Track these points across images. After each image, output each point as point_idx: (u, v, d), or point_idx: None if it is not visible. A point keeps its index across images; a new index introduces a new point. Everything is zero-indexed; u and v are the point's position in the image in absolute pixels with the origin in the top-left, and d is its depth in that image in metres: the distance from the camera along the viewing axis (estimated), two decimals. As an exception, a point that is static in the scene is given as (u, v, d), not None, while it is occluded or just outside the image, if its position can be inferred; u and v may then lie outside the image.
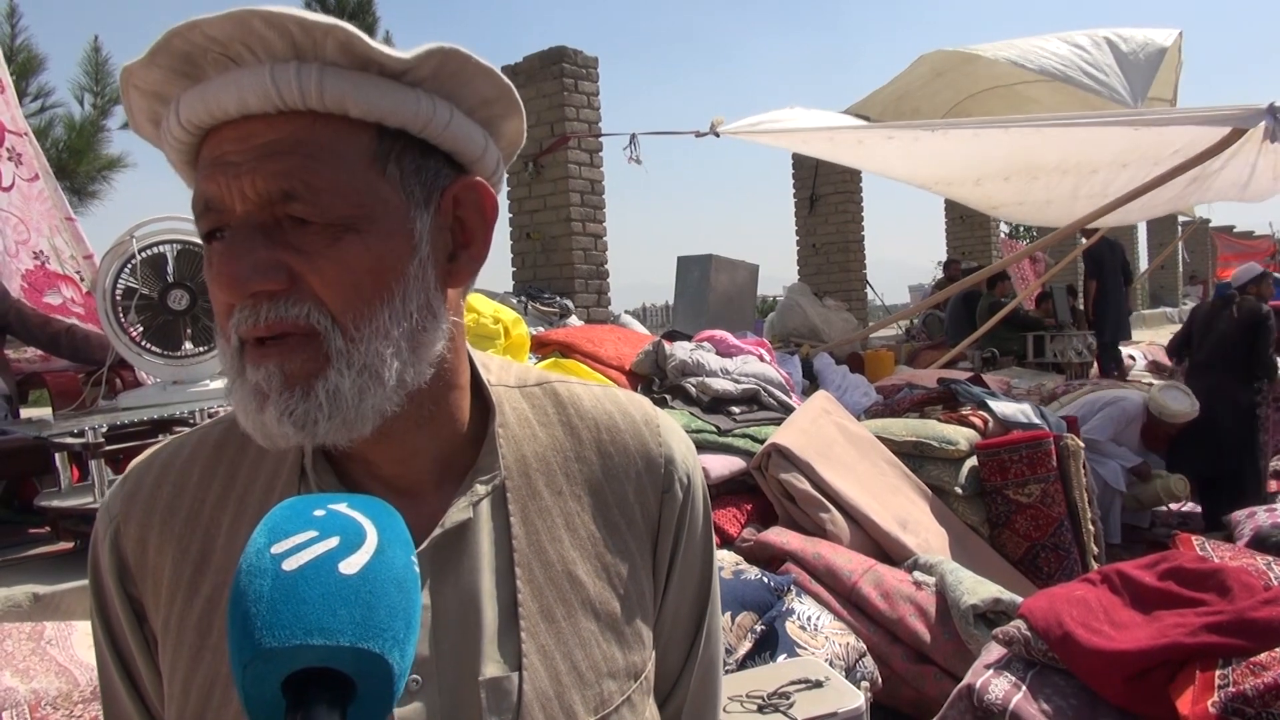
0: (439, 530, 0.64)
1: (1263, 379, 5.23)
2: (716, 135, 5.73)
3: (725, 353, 4.36)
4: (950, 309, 8.79)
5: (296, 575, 0.45)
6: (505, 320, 3.67)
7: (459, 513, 0.65)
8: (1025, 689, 2.09)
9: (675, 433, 0.77)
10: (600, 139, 6.67)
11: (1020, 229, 17.84)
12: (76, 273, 3.66)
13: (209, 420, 0.74)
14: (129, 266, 2.70)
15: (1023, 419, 4.17)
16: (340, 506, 0.49)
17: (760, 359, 4.38)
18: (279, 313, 0.58)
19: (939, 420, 4.12)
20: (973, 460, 3.82)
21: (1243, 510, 4.03)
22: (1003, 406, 4.26)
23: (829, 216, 9.56)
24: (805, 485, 3.28)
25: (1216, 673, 1.92)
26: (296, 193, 0.58)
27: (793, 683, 2.12)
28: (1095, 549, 3.76)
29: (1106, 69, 5.70)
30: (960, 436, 3.86)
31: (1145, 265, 16.62)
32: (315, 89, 0.57)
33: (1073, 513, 3.73)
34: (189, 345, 2.82)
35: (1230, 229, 20.93)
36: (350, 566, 0.46)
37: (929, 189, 7.24)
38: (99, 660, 0.72)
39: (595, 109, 6.71)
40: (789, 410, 3.95)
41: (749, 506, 3.46)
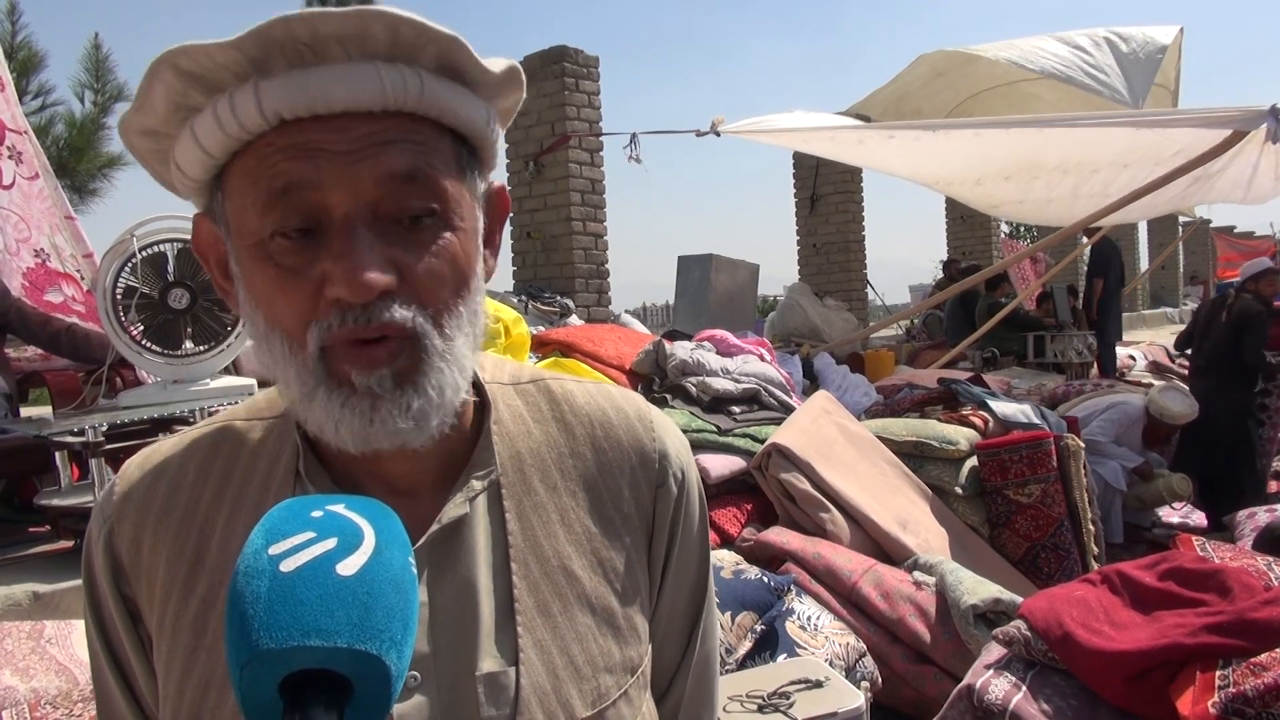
0: (436, 526, 0.64)
1: (1260, 379, 5.23)
2: (717, 134, 5.72)
3: (726, 352, 4.35)
4: (948, 309, 8.79)
5: (294, 576, 0.45)
6: (505, 319, 3.66)
7: (456, 508, 0.65)
8: (1025, 689, 2.09)
9: (669, 428, 0.77)
10: (601, 138, 6.67)
11: (1021, 229, 17.83)
12: (77, 271, 3.65)
13: (203, 420, 0.74)
14: (129, 265, 2.70)
15: (1023, 419, 4.17)
16: (338, 508, 0.49)
17: (761, 359, 4.38)
18: (391, 314, 0.58)
19: (939, 420, 4.12)
20: (973, 460, 3.82)
21: (1243, 511, 4.04)
22: (1003, 406, 4.26)
23: (829, 216, 9.56)
24: (805, 485, 3.28)
25: (1217, 673, 1.92)
26: (420, 173, 0.59)
27: (793, 683, 2.12)
28: (1095, 549, 3.76)
29: (1107, 69, 5.69)
30: (960, 436, 3.86)
31: (1145, 265, 16.62)
32: (423, 92, 0.59)
33: (1073, 513, 3.73)
34: (189, 344, 2.82)
35: (1231, 229, 20.90)
36: (348, 568, 0.46)
37: (930, 187, 7.24)
38: (92, 660, 0.71)
39: (596, 108, 6.71)
40: (789, 410, 3.95)
41: (749, 506, 3.46)
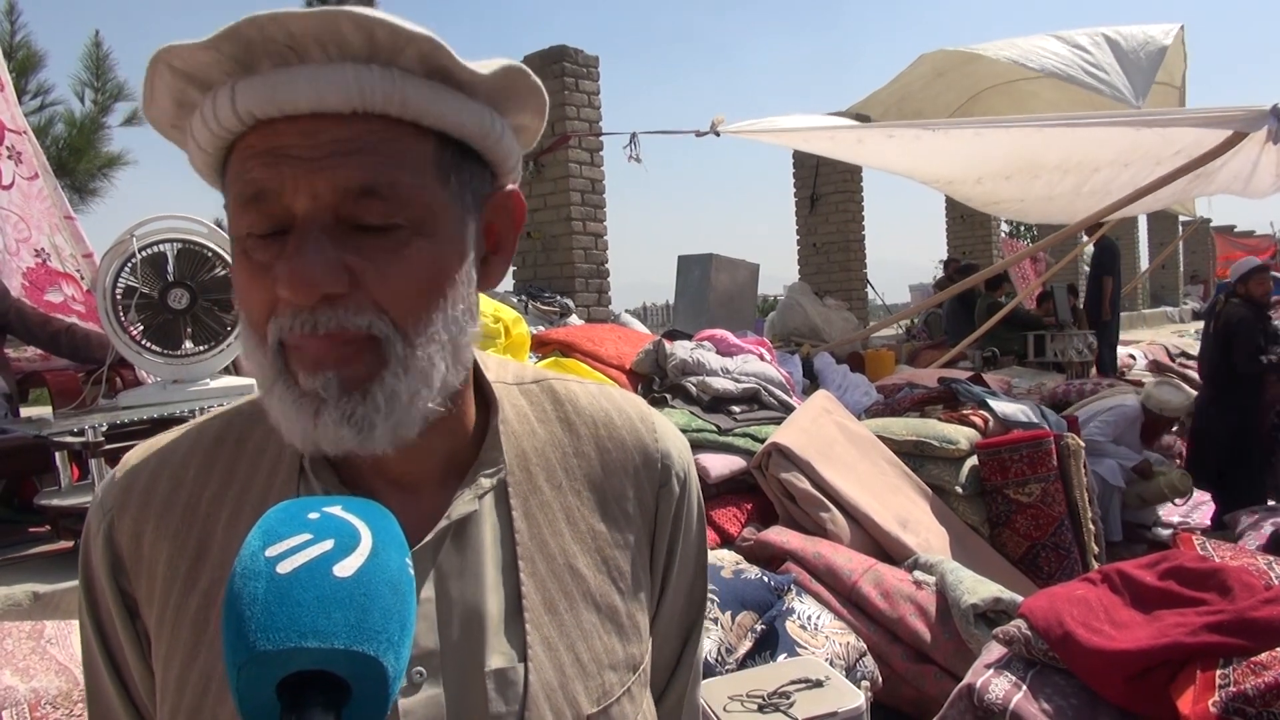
0: (445, 522, 0.64)
1: (1253, 385, 5.16)
2: (717, 134, 5.72)
3: (726, 352, 4.35)
4: (947, 309, 8.79)
5: (291, 578, 0.45)
6: (505, 319, 3.66)
7: (465, 505, 0.66)
8: (1025, 688, 2.09)
9: (670, 430, 0.78)
10: (601, 138, 6.66)
11: (1021, 228, 17.82)
12: (77, 271, 3.65)
13: (204, 415, 0.73)
14: (129, 265, 2.70)
15: (1023, 418, 4.17)
16: (335, 509, 0.49)
17: (761, 358, 4.37)
18: (340, 321, 0.57)
19: (939, 419, 4.12)
20: (973, 459, 3.82)
21: (1244, 511, 4.04)
22: (1003, 406, 4.26)
23: (829, 216, 9.55)
24: (805, 484, 3.27)
25: (1217, 672, 1.92)
26: (379, 189, 0.57)
27: (793, 682, 2.12)
28: (1095, 548, 3.76)
29: (1108, 68, 5.68)
30: (961, 436, 3.86)
31: (1145, 265, 16.61)
32: (399, 94, 0.57)
33: (1073, 512, 3.73)
34: (189, 344, 2.82)
35: (1231, 229, 20.88)
36: (345, 569, 0.46)
37: (930, 185, 7.24)
38: (86, 657, 0.70)
39: (596, 108, 6.70)
40: (789, 410, 3.95)
41: (749, 506, 3.46)
